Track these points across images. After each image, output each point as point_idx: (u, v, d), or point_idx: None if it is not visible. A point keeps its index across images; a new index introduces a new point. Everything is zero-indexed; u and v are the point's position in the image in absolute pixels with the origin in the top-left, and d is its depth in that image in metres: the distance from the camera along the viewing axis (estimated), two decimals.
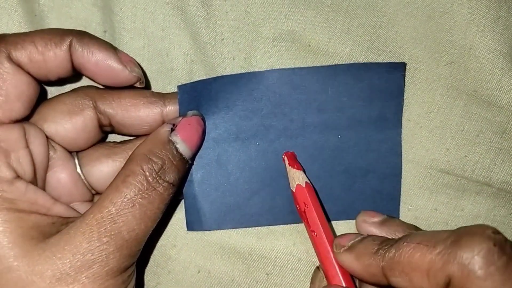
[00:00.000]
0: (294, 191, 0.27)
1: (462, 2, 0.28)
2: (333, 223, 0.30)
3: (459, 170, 0.29)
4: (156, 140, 0.26)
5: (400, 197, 0.30)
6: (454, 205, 0.29)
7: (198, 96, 0.28)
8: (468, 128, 0.29)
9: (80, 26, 0.30)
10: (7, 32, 0.29)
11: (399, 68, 0.28)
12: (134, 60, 0.27)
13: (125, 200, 0.24)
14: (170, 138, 0.26)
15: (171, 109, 0.28)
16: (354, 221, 0.28)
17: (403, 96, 0.29)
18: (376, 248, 0.23)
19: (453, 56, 0.28)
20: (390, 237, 0.26)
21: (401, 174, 0.29)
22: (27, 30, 0.29)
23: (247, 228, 0.30)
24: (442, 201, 0.30)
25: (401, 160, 0.29)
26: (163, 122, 0.28)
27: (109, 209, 0.23)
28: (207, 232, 0.30)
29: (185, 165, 0.27)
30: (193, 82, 0.29)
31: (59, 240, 0.23)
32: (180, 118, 0.27)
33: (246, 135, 0.29)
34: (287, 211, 0.29)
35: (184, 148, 0.26)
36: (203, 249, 0.30)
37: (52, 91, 0.30)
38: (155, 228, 0.25)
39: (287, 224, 0.30)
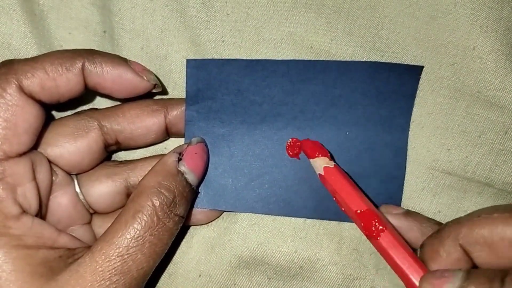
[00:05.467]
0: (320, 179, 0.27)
1: (464, 3, 0.28)
2: (335, 223, 0.30)
3: (461, 171, 0.29)
4: (164, 171, 0.25)
5: (401, 200, 0.29)
6: (457, 207, 0.29)
7: (207, 75, 0.28)
8: (470, 129, 0.29)
9: (80, 26, 0.29)
10: (6, 32, 0.29)
11: (416, 71, 0.28)
12: (145, 67, 0.27)
13: (135, 236, 0.23)
14: (179, 168, 0.26)
15: (175, 114, 0.28)
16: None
17: (415, 99, 0.29)
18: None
19: (456, 57, 0.28)
20: (417, 228, 0.26)
21: (404, 177, 0.29)
22: (26, 30, 0.29)
23: (248, 233, 0.30)
24: (444, 202, 0.29)
25: (405, 164, 0.29)
26: (168, 129, 0.28)
27: (119, 246, 0.23)
28: (209, 236, 0.30)
29: (193, 195, 0.26)
30: (203, 59, 0.29)
31: (68, 279, 0.22)
32: (186, 146, 0.27)
33: (254, 120, 0.29)
34: (284, 203, 0.29)
35: (192, 178, 0.26)
36: (205, 253, 0.30)
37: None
38: None
39: (282, 216, 0.30)
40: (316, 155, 0.27)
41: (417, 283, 0.23)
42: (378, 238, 0.25)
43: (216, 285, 0.30)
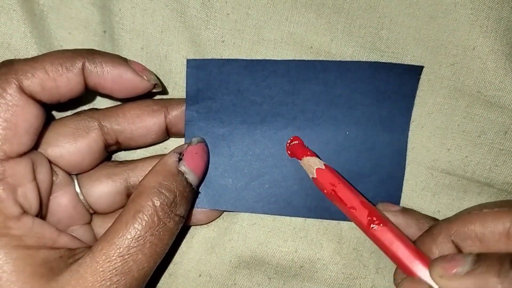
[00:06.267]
0: (315, 177, 0.27)
1: (464, 3, 0.28)
2: (335, 222, 0.30)
3: (460, 171, 0.29)
4: (165, 171, 0.25)
5: (400, 199, 0.29)
6: (457, 207, 0.29)
7: (207, 75, 0.28)
8: (470, 129, 0.29)
9: (80, 26, 0.29)
10: (6, 32, 0.29)
11: (416, 70, 0.28)
12: (146, 67, 0.27)
13: (136, 237, 0.23)
14: (179, 168, 0.26)
15: (175, 114, 0.28)
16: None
17: (415, 99, 0.29)
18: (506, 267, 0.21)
19: (456, 57, 0.28)
20: (414, 225, 0.27)
21: (403, 177, 0.29)
22: (26, 30, 0.29)
23: (248, 233, 0.30)
24: (444, 202, 0.29)
25: (405, 164, 0.29)
26: (168, 129, 0.28)
27: (119, 246, 0.23)
28: (209, 236, 0.30)
29: (193, 195, 0.26)
30: (203, 59, 0.29)
31: (69, 279, 0.22)
32: (186, 146, 0.27)
33: (254, 120, 0.29)
34: (284, 202, 0.29)
35: (193, 178, 0.26)
36: (205, 253, 0.30)
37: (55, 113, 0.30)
38: None
39: (282, 216, 0.30)
40: (308, 154, 0.28)
41: (421, 269, 0.23)
42: (381, 225, 0.25)
43: (216, 285, 0.30)
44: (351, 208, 0.26)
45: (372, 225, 0.25)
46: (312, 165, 0.27)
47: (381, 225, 0.25)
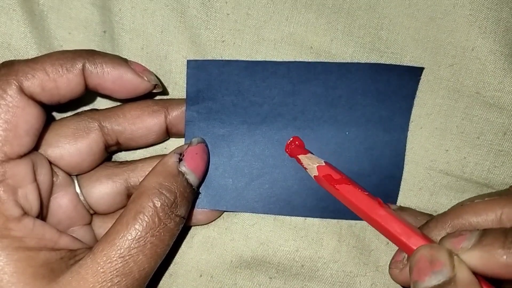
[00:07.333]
0: (317, 174, 0.27)
1: (463, 4, 0.28)
2: (335, 221, 0.30)
3: (459, 172, 0.29)
4: (165, 172, 0.25)
5: (397, 199, 0.30)
6: None
7: (208, 75, 0.28)
8: (468, 130, 0.29)
9: (80, 26, 0.29)
10: (6, 32, 0.29)
11: (416, 72, 0.29)
12: (146, 67, 0.27)
13: (137, 237, 0.23)
14: (180, 169, 0.26)
15: (175, 115, 0.28)
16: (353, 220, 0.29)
17: (414, 100, 0.29)
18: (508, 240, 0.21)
19: (455, 58, 0.28)
20: (412, 222, 0.26)
21: (401, 177, 0.29)
22: (26, 30, 0.29)
23: (249, 233, 0.30)
24: (442, 202, 0.30)
25: (403, 164, 0.29)
26: (168, 129, 0.28)
27: (120, 247, 0.23)
28: (210, 236, 0.30)
29: (194, 196, 0.27)
30: (204, 60, 0.29)
31: (70, 280, 0.22)
32: (186, 147, 0.27)
33: (254, 120, 0.29)
34: (284, 202, 0.29)
35: (193, 178, 0.26)
36: (206, 253, 0.30)
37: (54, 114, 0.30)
38: None
39: (283, 215, 0.30)
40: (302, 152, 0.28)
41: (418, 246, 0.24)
42: (388, 213, 0.25)
43: (217, 285, 0.30)
44: (358, 201, 0.26)
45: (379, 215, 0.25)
46: (311, 163, 0.28)
47: (389, 213, 0.25)
